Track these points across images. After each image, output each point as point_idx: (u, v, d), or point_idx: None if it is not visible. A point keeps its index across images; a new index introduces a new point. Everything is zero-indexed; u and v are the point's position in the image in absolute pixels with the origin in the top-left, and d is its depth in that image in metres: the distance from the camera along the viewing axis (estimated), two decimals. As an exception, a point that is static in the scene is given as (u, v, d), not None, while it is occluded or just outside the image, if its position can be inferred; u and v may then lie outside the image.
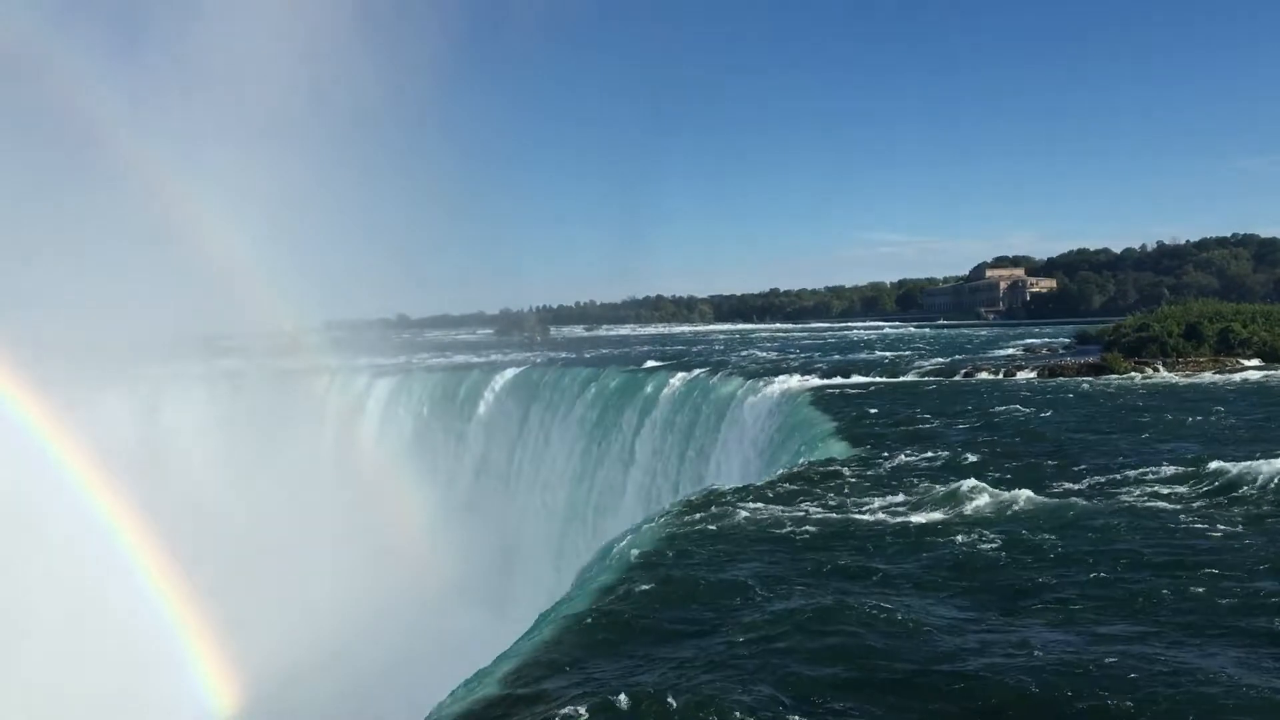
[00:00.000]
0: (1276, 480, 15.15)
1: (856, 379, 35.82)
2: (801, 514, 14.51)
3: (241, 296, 61.02)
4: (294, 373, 56.80)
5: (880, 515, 14.47)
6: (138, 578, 37.82)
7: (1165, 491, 15.39)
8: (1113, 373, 34.16)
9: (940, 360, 42.32)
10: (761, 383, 34.49)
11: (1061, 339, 55.47)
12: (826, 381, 34.84)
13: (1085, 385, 31.67)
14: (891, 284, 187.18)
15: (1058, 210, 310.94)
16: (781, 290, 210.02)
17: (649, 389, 40.14)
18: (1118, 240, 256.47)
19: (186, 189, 60.15)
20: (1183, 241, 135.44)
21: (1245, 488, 15.13)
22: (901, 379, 35.82)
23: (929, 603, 10.64)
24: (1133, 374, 33.93)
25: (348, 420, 53.12)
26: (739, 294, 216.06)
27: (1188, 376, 33.01)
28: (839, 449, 21.09)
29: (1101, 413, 25.15)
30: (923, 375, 36.64)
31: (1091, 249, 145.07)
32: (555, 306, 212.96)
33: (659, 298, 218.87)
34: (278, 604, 35.84)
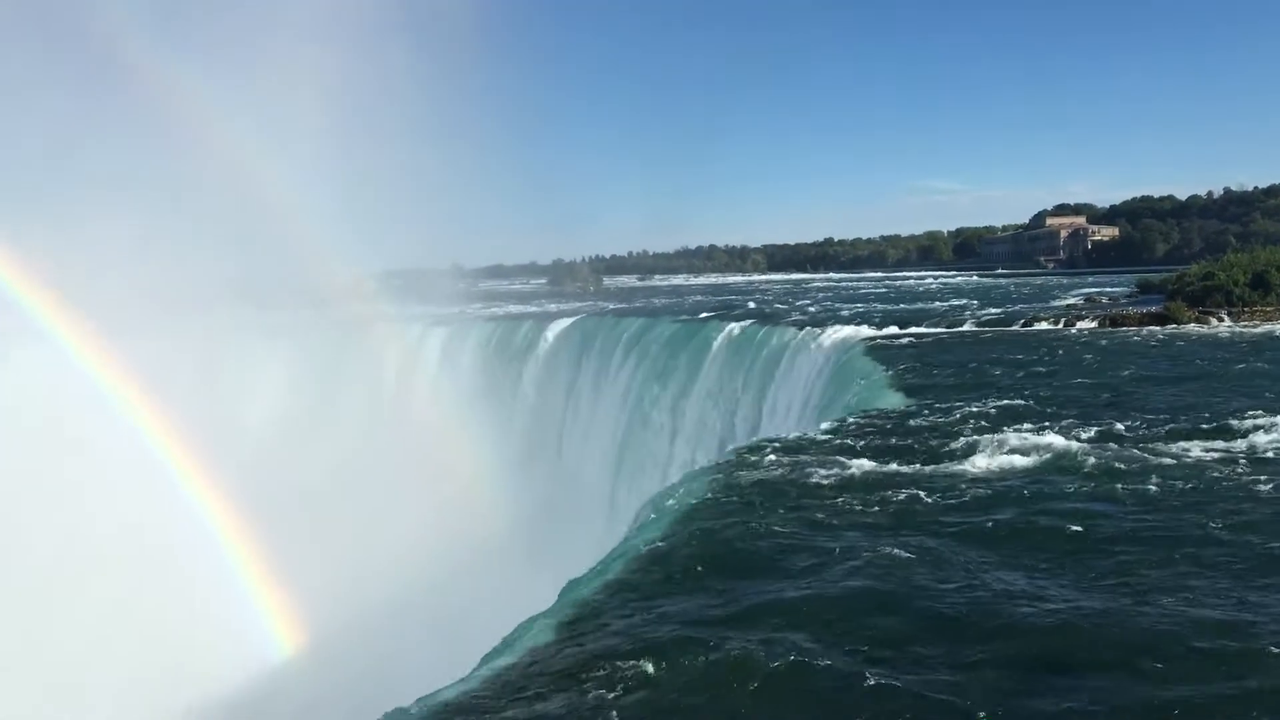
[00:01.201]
0: (1345, 433, 14.80)
1: (912, 329, 35.43)
2: (855, 464, 14.45)
3: (300, 246, 61.59)
4: (351, 321, 57.40)
5: (934, 465, 14.38)
6: (200, 522, 38.76)
7: (1229, 444, 15.10)
8: (1176, 323, 33.45)
9: (998, 310, 41.71)
10: (815, 333, 34.27)
11: (1123, 288, 54.35)
12: (881, 332, 34.51)
13: (1147, 335, 31.08)
14: (949, 233, 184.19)
15: (1121, 157, 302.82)
16: (836, 239, 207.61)
17: (702, 339, 40.06)
18: (1183, 187, 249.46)
19: (244, 138, 60.61)
20: (1250, 188, 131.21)
21: (1312, 440, 14.80)
22: (958, 329, 35.38)
23: (982, 553, 10.58)
24: (1196, 324, 33.21)
25: (403, 370, 53.68)
26: (792, 243, 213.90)
27: (1254, 327, 32.23)
28: (893, 399, 20.93)
29: (1163, 363, 24.68)
30: (980, 325, 36.14)
31: (1155, 196, 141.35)
32: (608, 256, 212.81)
33: (711, 247, 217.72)
34: (335, 551, 36.51)
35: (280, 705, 30.23)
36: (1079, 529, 11.35)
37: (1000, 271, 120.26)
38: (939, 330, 35.15)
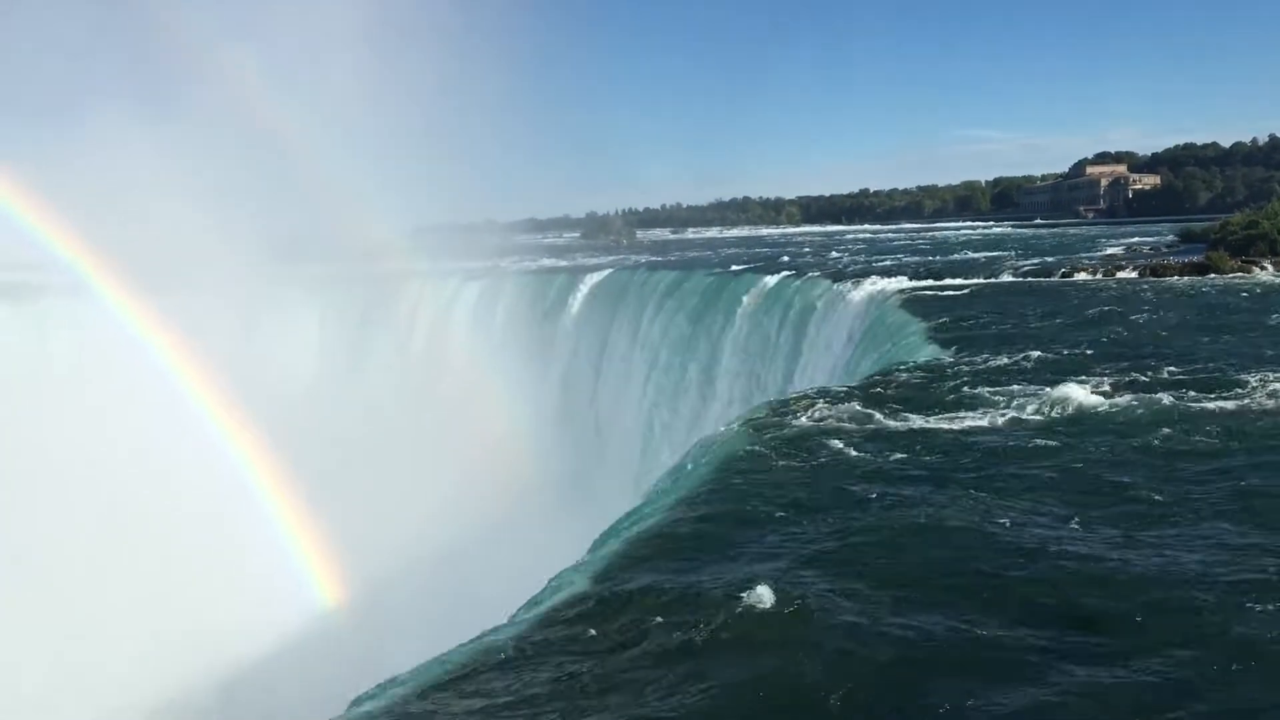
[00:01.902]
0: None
1: (949, 281, 35.04)
2: (890, 417, 14.35)
3: (336, 203, 61.81)
4: (385, 277, 57.62)
5: (971, 419, 14.25)
6: (239, 474, 39.36)
7: (1272, 395, 14.83)
8: (1218, 272, 32.86)
9: (1037, 261, 41.16)
10: (849, 285, 33.98)
11: (1165, 237, 53.44)
12: (917, 284, 34.14)
13: (1188, 285, 30.57)
14: (987, 183, 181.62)
15: (1163, 104, 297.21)
16: (872, 190, 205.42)
17: (735, 292, 39.85)
18: (1226, 134, 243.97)
19: (284, 97, 60.75)
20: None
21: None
22: (996, 280, 34.97)
23: (1021, 506, 10.49)
24: (1240, 274, 32.60)
25: (437, 324, 53.88)
26: (827, 195, 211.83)
27: (1299, 276, 31.62)
28: (929, 352, 20.74)
29: (1205, 314, 24.29)
30: (1018, 276, 35.70)
31: (1198, 143, 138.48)
32: (641, 209, 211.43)
33: (745, 199, 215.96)
34: (371, 505, 36.92)
35: (322, 656, 30.75)
36: (1121, 480, 11.22)
37: (1039, 222, 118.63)
38: (976, 281, 34.74)
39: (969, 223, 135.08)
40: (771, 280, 39.29)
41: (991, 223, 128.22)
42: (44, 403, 43.43)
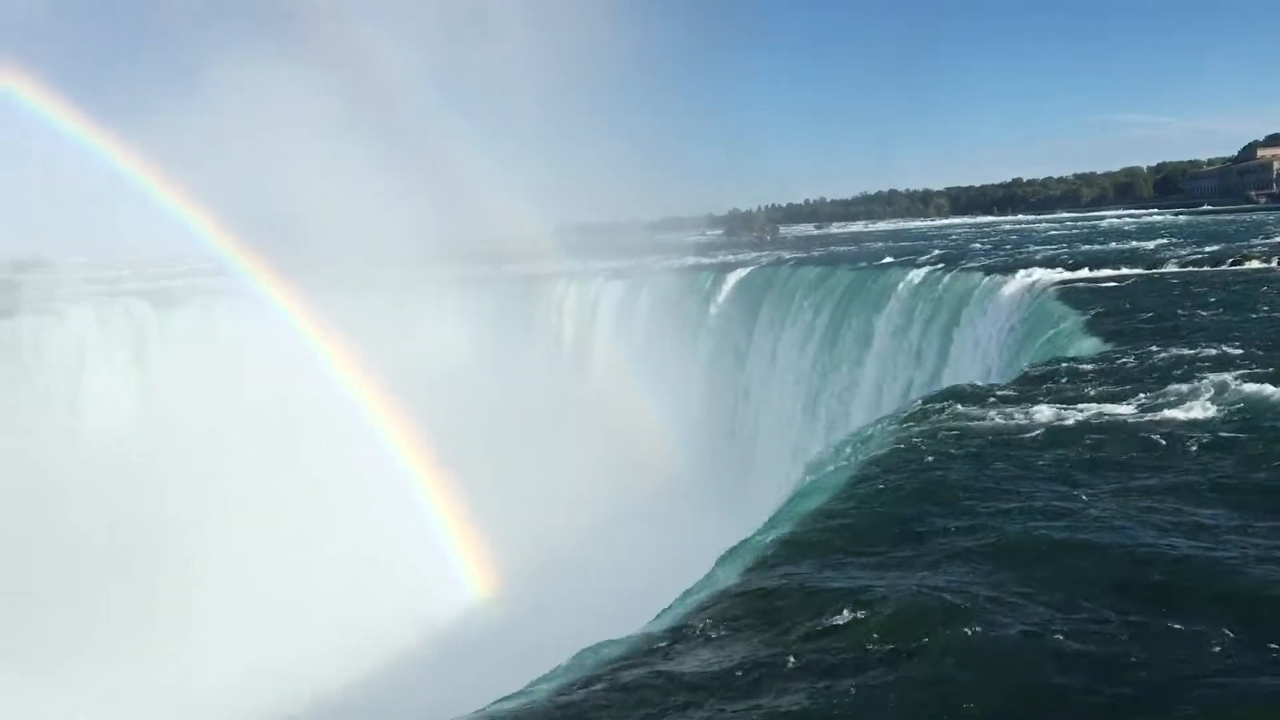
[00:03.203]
0: None
1: (1108, 271, 33.56)
2: (1046, 412, 13.82)
3: (485, 204, 63.37)
4: (531, 276, 58.76)
5: (1131, 416, 13.60)
6: (392, 463, 40.81)
7: None
8: None
9: (1203, 249, 39.10)
10: (1002, 277, 32.91)
11: (1348, 222, 50.02)
12: (1074, 275, 32.80)
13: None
14: (1148, 168, 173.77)
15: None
16: (1025, 179, 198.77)
17: (882, 286, 39.13)
18: None
19: (427, 96, 62.51)
20: None
21: None
22: (1159, 270, 33.35)
23: (1190, 510, 9.95)
24: None
25: (581, 322, 54.67)
26: (978, 185, 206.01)
27: None
28: (1087, 346, 19.91)
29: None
30: (1183, 265, 33.97)
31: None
32: (784, 205, 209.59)
33: (892, 192, 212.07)
34: (516, 498, 37.70)
35: (471, 647, 31.53)
36: (1299, 482, 10.54)
37: (1206, 208, 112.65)
38: (1138, 271, 33.20)
39: (1130, 210, 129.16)
40: (920, 273, 38.40)
41: (1154, 210, 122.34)
42: (212, 395, 45.83)
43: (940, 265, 39.71)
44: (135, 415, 49.87)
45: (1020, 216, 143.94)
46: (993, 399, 14.98)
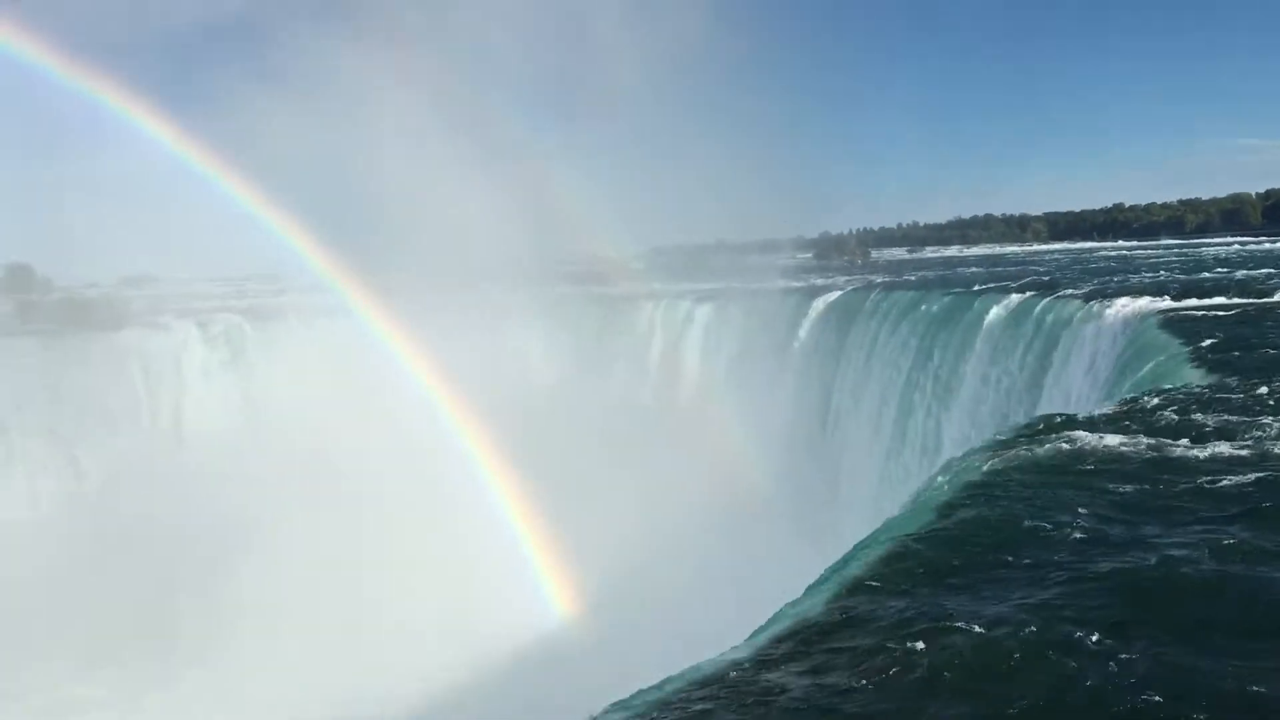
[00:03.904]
0: None
1: (1215, 300, 32.48)
2: (1146, 445, 13.44)
3: (577, 226, 64.00)
4: (620, 297, 59.14)
5: (1237, 449, 13.13)
6: (480, 481, 41.32)
7: None
8: None
9: (1317, 278, 37.67)
10: (1102, 305, 32.09)
11: None
12: (1177, 304, 31.84)
13: None
14: (1257, 194, 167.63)
15: None
16: (1126, 205, 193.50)
17: (976, 311, 38.43)
18: None
19: (536, 129, 63.49)
20: None
21: None
22: (1269, 300, 32.20)
23: (1299, 547, 9.59)
24: None
25: (668, 343, 54.83)
26: (1076, 210, 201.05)
27: None
28: (1191, 376, 19.30)
29: None
30: (1295, 295, 32.74)
31: None
32: (876, 229, 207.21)
33: (987, 217, 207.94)
34: (603, 518, 37.83)
35: (556, 664, 31.67)
36: None
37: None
38: (1246, 300, 32.08)
39: (1238, 237, 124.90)
40: (1016, 299, 37.65)
41: (1264, 238, 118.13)
42: (307, 406, 47.00)
43: (1037, 291, 38.87)
44: (232, 424, 51.53)
45: (1121, 243, 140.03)
46: (1089, 429, 14.61)
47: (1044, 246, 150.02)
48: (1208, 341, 23.13)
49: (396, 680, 33.50)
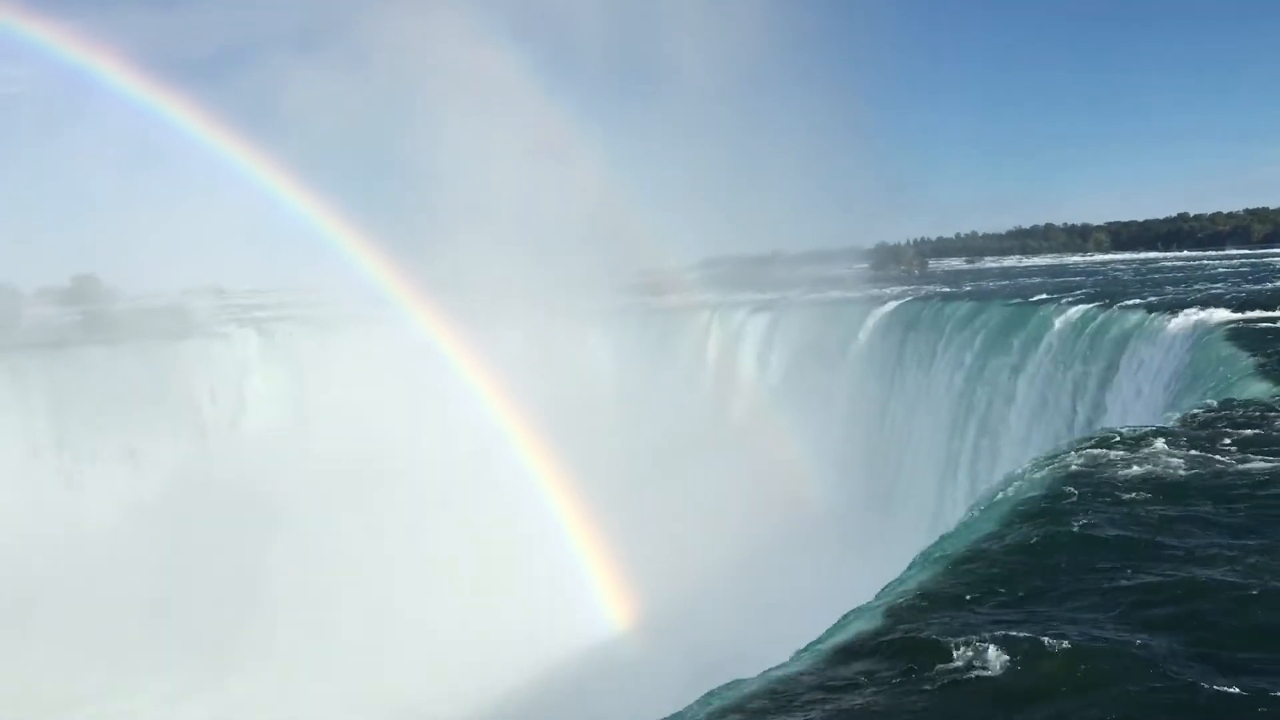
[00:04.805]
0: None
1: (1282, 311, 31.72)
2: (1213, 459, 13.16)
3: (631, 239, 64.03)
4: (675, 308, 59.13)
5: (1310, 465, 12.81)
6: (535, 492, 41.52)
7: None
8: None
9: (1391, 289, 36.63)
10: (1166, 316, 31.47)
11: None
12: (1244, 315, 31.09)
13: None
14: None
15: None
16: (1191, 214, 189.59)
17: (1036, 323, 37.89)
18: None
19: (593, 143, 63.65)
20: None
21: None
22: (1340, 311, 31.36)
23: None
24: None
25: (724, 355, 54.73)
26: (1140, 220, 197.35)
27: None
28: (1259, 389, 18.84)
29: None
30: (1368, 306, 31.84)
31: None
32: (934, 239, 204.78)
33: (1048, 226, 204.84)
34: (657, 529, 37.83)
35: (609, 676, 31.71)
36: None
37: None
38: (1316, 312, 31.27)
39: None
40: (1077, 310, 37.05)
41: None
42: (365, 415, 47.57)
43: (1099, 302, 38.23)
44: (287, 429, 52.33)
45: (1186, 253, 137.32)
46: (1151, 443, 14.34)
47: (1106, 256, 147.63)
48: (1274, 353, 22.60)
49: (450, 685, 33.73)
